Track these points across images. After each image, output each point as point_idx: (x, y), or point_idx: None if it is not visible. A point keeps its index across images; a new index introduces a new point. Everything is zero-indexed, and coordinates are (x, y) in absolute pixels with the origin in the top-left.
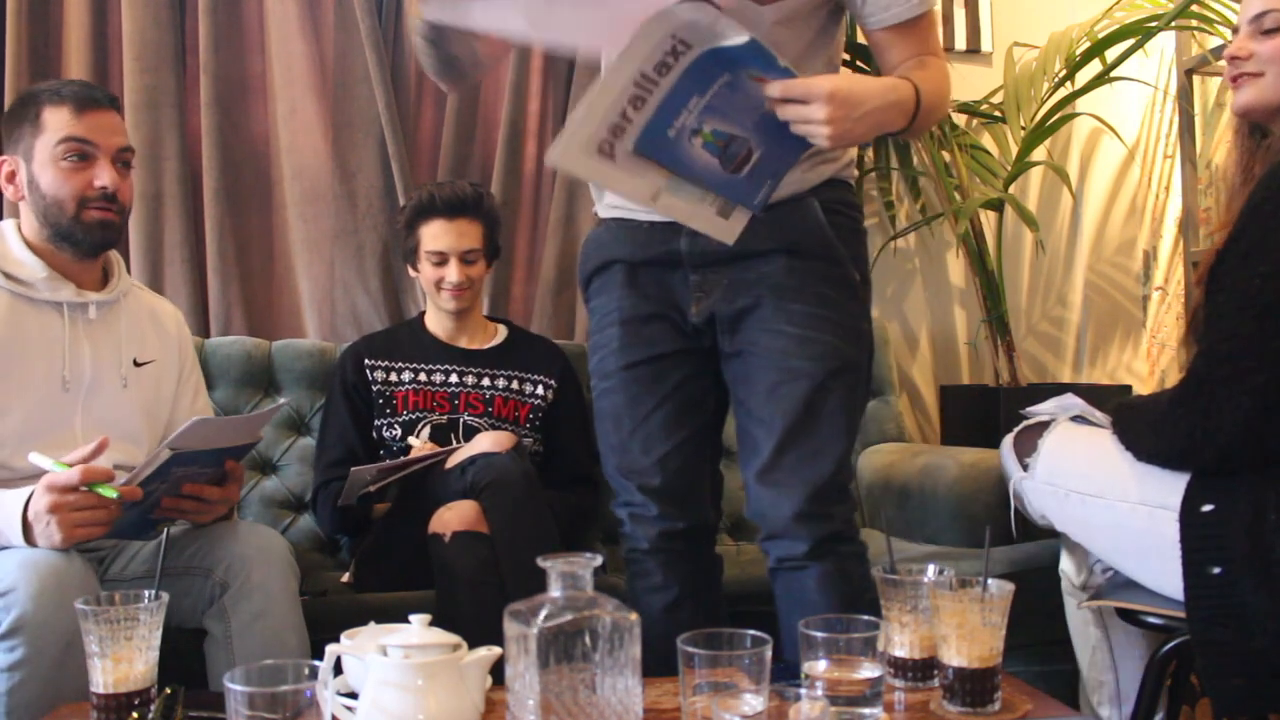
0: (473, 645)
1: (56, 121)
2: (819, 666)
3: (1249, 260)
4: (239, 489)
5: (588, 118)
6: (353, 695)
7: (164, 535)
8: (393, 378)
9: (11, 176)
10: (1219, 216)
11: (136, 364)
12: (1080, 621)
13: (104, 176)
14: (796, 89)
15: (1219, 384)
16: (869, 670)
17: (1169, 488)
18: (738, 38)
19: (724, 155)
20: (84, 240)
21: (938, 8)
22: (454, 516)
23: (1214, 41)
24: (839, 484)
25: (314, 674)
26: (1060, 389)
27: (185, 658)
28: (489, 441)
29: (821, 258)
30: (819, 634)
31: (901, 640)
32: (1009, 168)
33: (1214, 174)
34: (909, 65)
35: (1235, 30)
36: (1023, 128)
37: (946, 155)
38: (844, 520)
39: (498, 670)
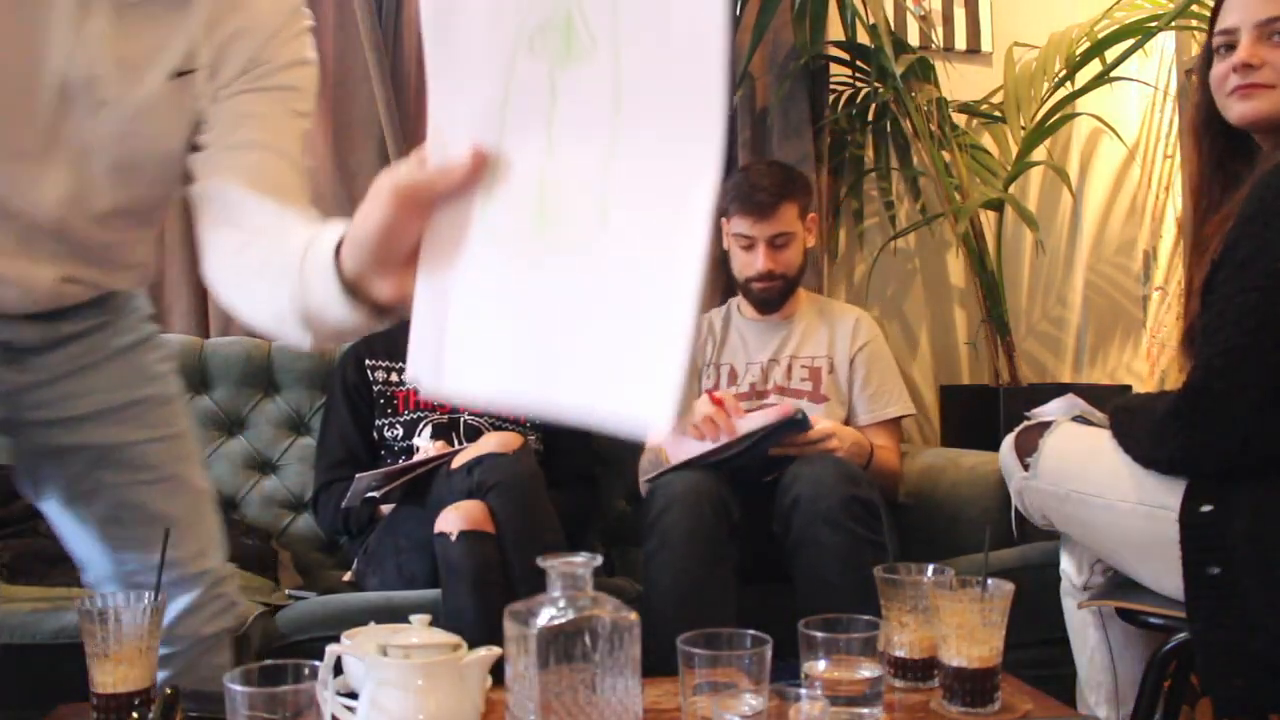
0: (477, 645)
1: None
2: (819, 666)
3: (1244, 272)
4: None
5: None
6: (353, 695)
7: (165, 534)
8: (393, 378)
9: None
10: (1191, 227)
11: None
12: (1079, 622)
13: None
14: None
15: (1216, 398)
16: (869, 670)
17: (1168, 488)
18: None
19: None
20: None
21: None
22: (460, 516)
23: None
24: None
25: (314, 674)
26: (1060, 389)
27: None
28: (495, 442)
29: None
30: (819, 634)
31: (901, 640)
32: (1009, 168)
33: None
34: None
35: (1228, 33)
36: (1022, 128)
37: (946, 155)
38: None
39: (498, 670)
